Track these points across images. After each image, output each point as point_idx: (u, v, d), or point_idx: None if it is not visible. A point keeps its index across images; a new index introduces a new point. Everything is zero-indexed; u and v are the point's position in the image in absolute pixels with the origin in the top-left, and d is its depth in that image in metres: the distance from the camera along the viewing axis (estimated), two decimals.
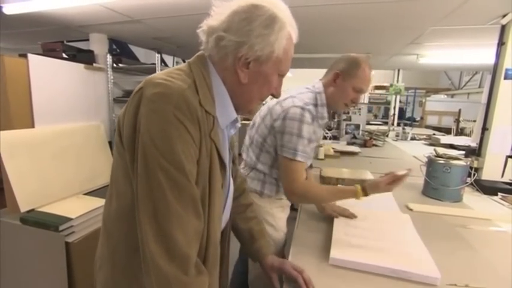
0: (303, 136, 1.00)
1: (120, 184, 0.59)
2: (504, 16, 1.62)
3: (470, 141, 2.37)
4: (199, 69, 0.61)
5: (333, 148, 2.50)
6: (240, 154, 1.17)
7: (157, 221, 0.51)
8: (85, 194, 1.86)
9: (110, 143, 2.40)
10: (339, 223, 1.06)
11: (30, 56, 1.78)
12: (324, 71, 1.18)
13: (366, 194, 0.95)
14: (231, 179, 0.74)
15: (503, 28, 1.65)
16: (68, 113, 2.03)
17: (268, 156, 1.13)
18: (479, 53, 2.58)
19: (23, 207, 1.50)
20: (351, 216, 1.12)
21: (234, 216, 0.84)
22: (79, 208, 1.55)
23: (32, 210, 1.53)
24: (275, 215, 1.19)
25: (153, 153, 0.51)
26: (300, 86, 1.15)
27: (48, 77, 1.89)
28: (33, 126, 1.78)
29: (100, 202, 1.68)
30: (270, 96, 0.70)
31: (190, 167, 0.54)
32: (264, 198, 1.16)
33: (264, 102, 0.88)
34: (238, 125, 0.71)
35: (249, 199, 0.94)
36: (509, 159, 1.70)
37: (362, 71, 1.06)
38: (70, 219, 1.44)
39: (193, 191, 0.54)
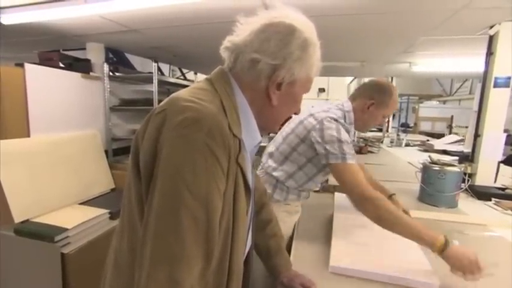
0: (344, 140, 1.01)
1: (135, 217, 0.52)
2: (491, 27, 1.68)
3: (464, 148, 2.42)
4: (223, 88, 0.56)
5: None
6: None
7: (168, 266, 0.44)
8: (81, 203, 1.84)
9: (107, 152, 2.38)
10: (338, 230, 1.07)
11: (26, 65, 1.78)
12: (319, 78, 1.21)
13: (443, 251, 0.77)
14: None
15: (491, 38, 1.72)
16: (64, 122, 2.02)
17: (293, 166, 1.14)
18: (469, 61, 2.66)
19: (17, 218, 1.47)
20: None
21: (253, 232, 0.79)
22: (75, 218, 1.53)
23: (27, 220, 1.51)
24: (280, 219, 1.19)
25: (178, 186, 0.45)
26: (326, 104, 1.19)
27: (45, 86, 1.89)
28: (28, 136, 1.77)
29: (96, 212, 1.66)
30: None
31: (217, 203, 0.49)
32: (271, 201, 1.17)
33: None
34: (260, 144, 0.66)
35: (270, 214, 0.87)
36: (501, 164, 1.75)
37: (394, 101, 1.15)
38: (66, 229, 1.42)
39: (214, 232, 0.48)
